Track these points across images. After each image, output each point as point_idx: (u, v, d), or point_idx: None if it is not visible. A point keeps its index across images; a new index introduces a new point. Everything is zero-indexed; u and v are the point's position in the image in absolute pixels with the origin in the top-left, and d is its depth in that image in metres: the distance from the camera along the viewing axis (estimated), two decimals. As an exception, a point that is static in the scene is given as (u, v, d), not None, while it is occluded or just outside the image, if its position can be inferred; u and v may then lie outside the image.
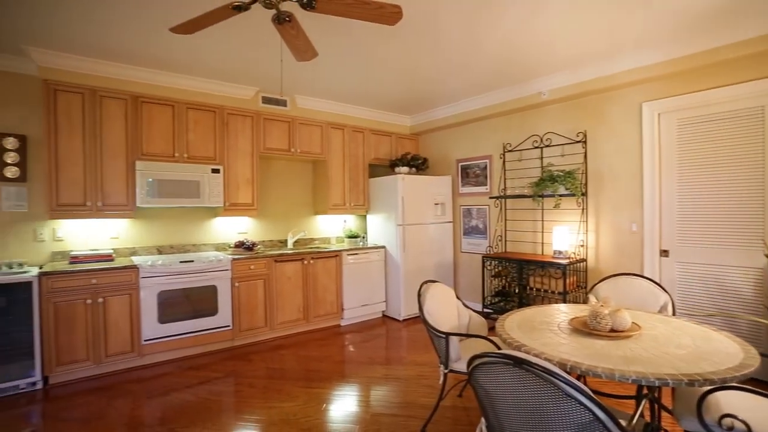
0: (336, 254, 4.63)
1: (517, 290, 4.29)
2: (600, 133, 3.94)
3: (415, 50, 3.41)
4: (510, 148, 4.68)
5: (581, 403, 1.16)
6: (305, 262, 4.38)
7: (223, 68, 3.75)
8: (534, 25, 2.97)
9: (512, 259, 4.28)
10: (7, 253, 3.46)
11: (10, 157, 3.44)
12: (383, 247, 5.02)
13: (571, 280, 3.86)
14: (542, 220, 4.39)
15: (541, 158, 4.37)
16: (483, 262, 4.57)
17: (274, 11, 2.15)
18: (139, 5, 2.62)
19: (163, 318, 3.56)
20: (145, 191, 3.64)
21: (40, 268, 3.32)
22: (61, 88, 3.38)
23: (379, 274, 4.98)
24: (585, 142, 4.03)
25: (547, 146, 4.31)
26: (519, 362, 1.24)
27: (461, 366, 2.35)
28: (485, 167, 5.00)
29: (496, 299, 4.53)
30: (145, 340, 3.49)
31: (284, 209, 4.93)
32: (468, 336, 2.48)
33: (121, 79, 3.64)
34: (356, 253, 4.78)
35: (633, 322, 2.03)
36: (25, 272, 3.12)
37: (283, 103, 4.55)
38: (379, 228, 5.17)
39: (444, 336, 2.33)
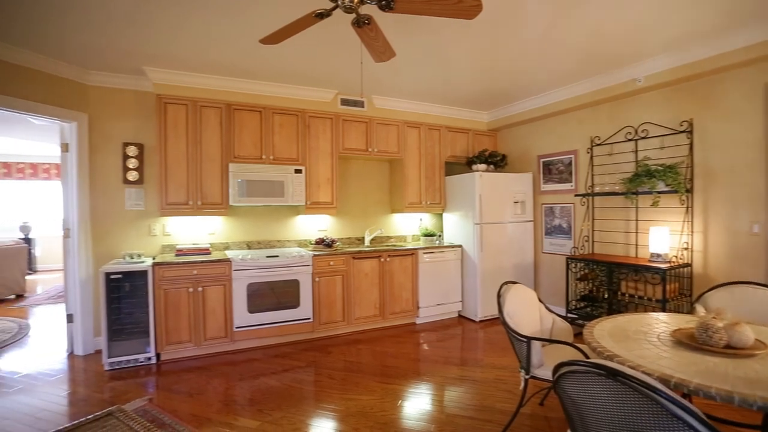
0: (412, 252, 4.65)
1: (606, 295, 3.95)
2: (710, 120, 3.47)
3: (493, 44, 3.29)
4: (599, 142, 4.31)
5: (690, 426, 1.03)
6: (382, 259, 4.47)
7: (304, 73, 3.95)
8: (629, 6, 2.70)
9: (601, 262, 3.95)
10: (129, 245, 4.01)
11: (132, 163, 3.97)
12: (460, 246, 4.94)
13: (672, 287, 3.45)
14: (636, 220, 3.98)
15: (636, 151, 3.97)
16: (567, 264, 4.28)
17: (353, 15, 2.21)
18: (233, 21, 2.86)
19: (252, 308, 3.86)
20: (236, 191, 3.97)
21: (153, 258, 3.78)
22: (170, 101, 3.82)
23: (455, 274, 4.90)
24: (691, 131, 3.57)
25: (643, 138, 3.90)
26: (613, 373, 1.14)
27: (544, 373, 2.22)
28: (570, 163, 4.68)
29: (582, 304, 4.21)
30: (237, 327, 3.82)
31: (362, 207, 5.07)
32: (552, 341, 2.34)
33: (217, 89, 4.01)
34: (432, 252, 4.76)
35: (757, 339, 1.75)
36: (142, 262, 3.60)
37: (361, 104, 4.67)
38: (455, 227, 5.09)
39: (525, 340, 2.23)
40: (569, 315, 4.18)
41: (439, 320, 4.84)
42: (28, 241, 8.34)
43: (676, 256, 3.59)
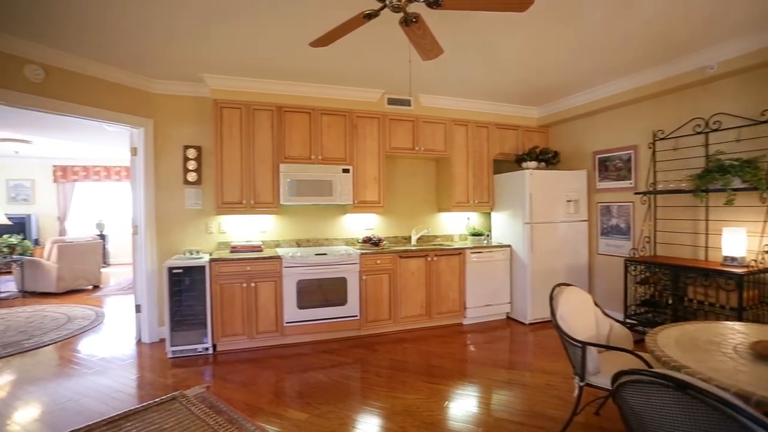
0: (459, 252, 4.58)
1: (670, 301, 3.67)
2: (796, 110, 3.11)
3: (545, 37, 3.16)
4: (662, 136, 4.01)
5: (774, 448, 0.93)
6: (429, 258, 4.44)
7: (352, 74, 4.00)
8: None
9: (665, 265, 3.68)
10: (189, 242, 4.27)
11: (191, 165, 4.23)
12: (508, 246, 4.80)
13: (751, 294, 3.14)
14: (706, 220, 3.66)
15: (706, 145, 3.65)
16: (626, 267, 4.02)
17: (401, 14, 2.21)
18: (283, 27, 2.95)
19: (301, 304, 3.98)
20: (287, 190, 4.11)
21: (210, 255, 4.00)
22: (225, 105, 4.02)
23: (504, 274, 4.77)
24: (773, 122, 3.23)
25: (715, 131, 3.57)
26: (682, 386, 1.06)
27: (601, 380, 2.10)
28: (629, 159, 4.39)
29: (642, 310, 3.95)
30: (287, 323, 3.95)
31: (408, 206, 5.06)
32: (609, 348, 2.21)
33: (268, 92, 4.17)
34: (480, 252, 4.66)
35: None
36: (200, 258, 3.82)
37: (407, 103, 4.67)
38: (504, 226, 4.95)
39: (580, 345, 2.12)
40: (628, 320, 3.93)
41: (487, 321, 4.73)
42: (102, 237, 9.13)
43: (756, 261, 3.26)
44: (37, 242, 8.72)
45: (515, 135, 5.20)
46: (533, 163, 4.82)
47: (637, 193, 4.23)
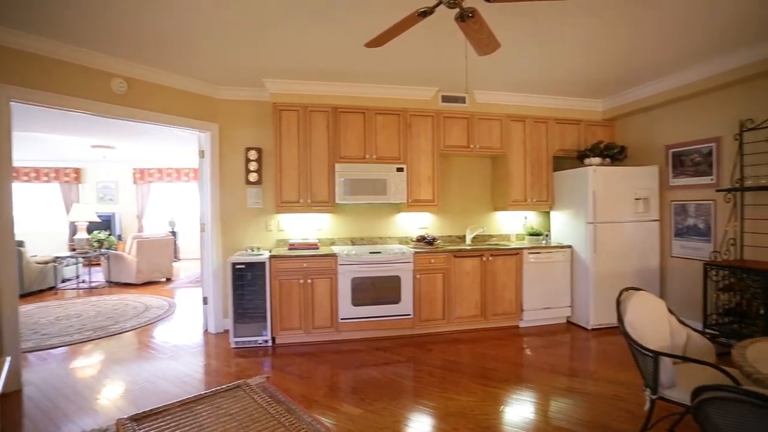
0: (516, 252, 4.42)
1: (762, 311, 3.29)
2: None
3: (612, 23, 2.96)
4: (752, 126, 3.60)
5: None
6: (484, 258, 4.33)
7: (405, 73, 4.00)
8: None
9: (754, 270, 3.30)
10: (250, 240, 4.50)
11: (252, 166, 4.45)
12: (569, 246, 4.55)
13: None
14: (807, 220, 3.24)
15: (807, 136, 3.23)
16: (705, 271, 3.67)
17: (456, 10, 2.17)
18: (338, 29, 3.01)
19: (355, 301, 4.05)
20: (342, 189, 4.19)
21: (270, 252, 4.19)
22: (284, 108, 4.19)
23: (564, 276, 4.54)
24: None
25: (818, 119, 3.14)
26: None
27: (678, 395, 1.93)
28: (709, 153, 3.99)
29: (726, 320, 3.58)
30: (341, 319, 4.03)
31: (463, 205, 4.98)
32: (687, 360, 2.02)
33: (324, 94, 4.28)
34: (538, 252, 4.47)
35: None
36: (261, 254, 4.01)
37: (462, 100, 4.58)
38: (564, 226, 4.71)
39: (652, 355, 1.96)
40: (707, 331, 3.58)
41: (545, 325, 4.53)
42: (174, 234, 9.90)
43: None
44: (120, 238, 9.64)
45: (577, 130, 4.93)
46: (597, 159, 4.53)
47: (719, 191, 3.84)
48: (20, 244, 6.13)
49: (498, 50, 2.66)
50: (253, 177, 4.46)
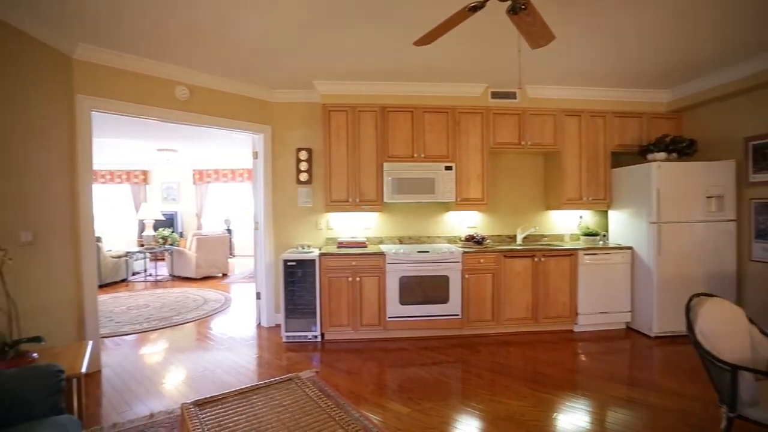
0: (570, 253, 4.22)
1: None
2: None
3: (681, 2, 2.73)
4: None
5: None
6: (535, 259, 4.18)
7: (453, 70, 3.94)
8: None
9: None
10: (301, 238, 4.64)
11: (303, 166, 4.58)
12: (629, 248, 4.28)
13: None
14: None
15: None
16: (791, 277, 3.30)
17: (509, 2, 2.10)
18: (386, 29, 3.02)
19: (403, 300, 4.05)
20: (390, 188, 4.21)
21: (320, 249, 4.29)
22: (333, 109, 4.27)
23: (624, 279, 4.27)
24: None
25: None
26: None
27: (761, 414, 1.75)
28: (798, 145, 3.58)
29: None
30: (389, 317, 4.05)
31: (513, 204, 4.83)
32: (770, 375, 1.83)
33: (372, 94, 4.31)
34: (595, 253, 4.24)
35: None
36: (311, 252, 4.12)
37: (513, 96, 4.44)
38: (624, 226, 4.43)
39: (729, 368, 1.79)
40: (794, 343, 3.22)
41: (602, 330, 4.29)
42: (229, 231, 10.43)
43: None
44: (181, 235, 10.30)
45: (638, 123, 4.61)
46: (661, 155, 4.22)
47: (808, 188, 3.44)
48: (98, 240, 6.73)
49: (552, 42, 2.55)
50: (303, 177, 4.59)
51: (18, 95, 2.77)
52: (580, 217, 4.88)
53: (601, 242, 4.48)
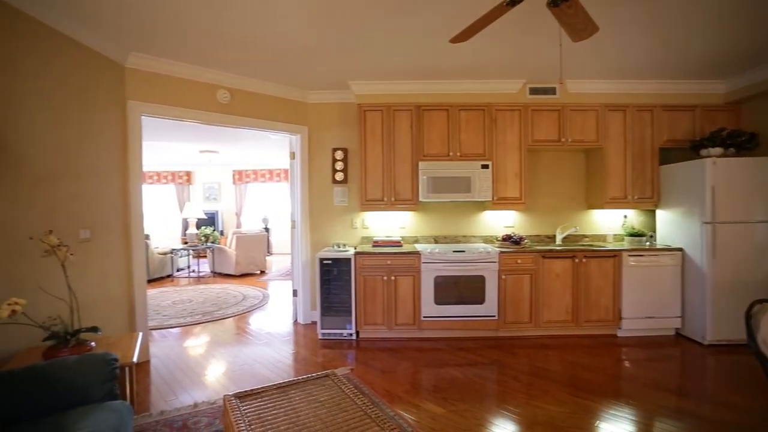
0: (614, 254, 4.04)
1: None
2: None
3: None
4: None
5: None
6: (576, 260, 4.03)
7: (490, 66, 3.87)
8: None
9: None
10: (336, 236, 4.71)
11: (338, 165, 4.64)
12: (680, 249, 4.04)
13: None
14: None
15: None
16: None
17: (550, -6, 2.04)
18: (420, 27, 3.00)
19: (438, 300, 4.02)
20: (425, 188, 4.19)
21: (355, 248, 4.34)
22: (368, 108, 4.30)
23: (673, 283, 4.03)
24: None
25: None
26: None
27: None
28: None
29: None
30: (424, 317, 4.03)
31: (552, 203, 4.68)
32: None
33: (407, 93, 4.30)
34: (641, 255, 4.03)
35: None
36: (346, 251, 4.17)
37: (552, 92, 4.30)
38: (673, 226, 4.19)
39: (794, 380, 1.66)
40: None
41: (649, 336, 4.07)
42: (267, 230, 10.73)
43: None
44: (222, 233, 10.71)
45: (690, 117, 4.34)
46: (717, 150, 3.95)
47: None
48: (147, 237, 7.11)
49: (595, 35, 2.45)
50: (339, 176, 4.65)
51: (78, 103, 2.97)
52: (625, 216, 4.66)
53: (647, 243, 4.26)
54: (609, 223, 4.69)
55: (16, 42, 2.49)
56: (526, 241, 4.28)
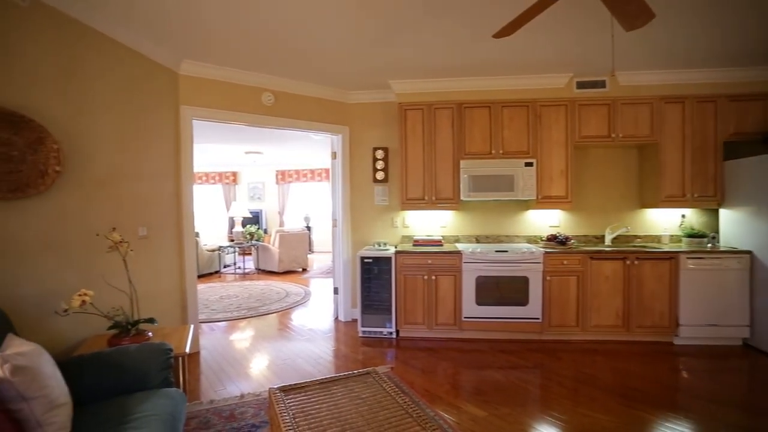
0: (670, 256, 3.79)
1: None
2: None
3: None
4: None
5: None
6: (627, 262, 3.82)
7: (535, 61, 3.74)
8: None
9: None
10: (377, 235, 4.74)
11: (379, 165, 4.67)
12: (748, 252, 3.72)
13: None
14: None
15: None
16: None
17: (601, -19, 1.94)
18: (461, 24, 2.95)
19: (479, 300, 3.95)
20: (466, 186, 4.12)
21: (395, 247, 4.34)
22: (409, 107, 4.29)
23: (740, 288, 3.72)
24: None
25: None
26: None
27: None
28: None
29: None
30: (464, 317, 3.97)
31: (601, 202, 4.45)
32: None
33: (448, 91, 4.25)
34: (701, 257, 3.75)
35: None
36: (387, 250, 4.19)
37: (602, 85, 4.10)
38: (739, 226, 3.87)
39: None
40: None
41: (711, 345, 3.78)
42: (308, 228, 10.98)
43: None
44: (265, 231, 11.07)
45: (761, 107, 3.96)
46: (792, 144, 3.60)
47: None
48: (197, 235, 7.49)
49: (651, 21, 2.30)
50: (379, 175, 4.67)
51: (138, 109, 3.17)
52: (683, 216, 4.36)
53: (709, 245, 3.96)
54: (664, 223, 4.40)
55: (86, 53, 2.70)
56: (572, 241, 4.11)
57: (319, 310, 5.26)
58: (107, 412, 1.74)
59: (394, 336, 4.12)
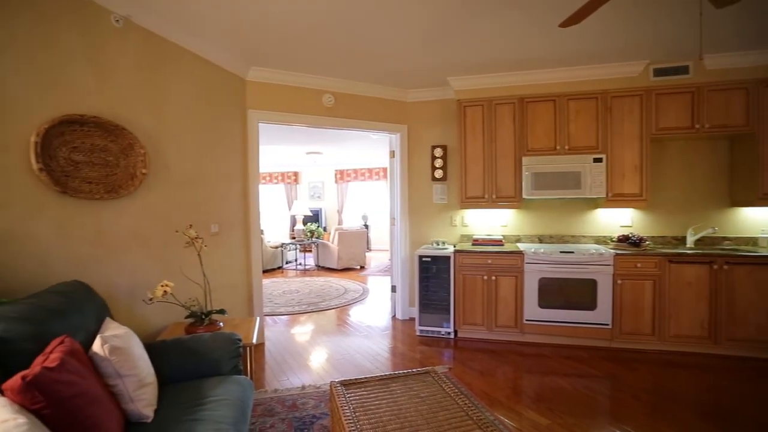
0: None
1: None
2: None
3: None
4: None
5: None
6: (715, 266, 3.44)
7: (604, 49, 3.49)
8: None
9: None
10: (435, 234, 4.70)
11: (438, 163, 4.62)
12: None
13: None
14: None
15: None
16: None
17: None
18: (523, 14, 2.82)
19: (542, 303, 3.77)
20: (529, 184, 3.95)
21: (454, 246, 4.27)
22: (468, 104, 4.20)
23: None
24: None
25: None
26: None
27: None
28: None
29: None
30: (526, 320, 3.82)
31: (681, 199, 4.05)
32: None
33: (509, 85, 4.10)
34: (806, 263, 3.30)
35: None
36: (446, 249, 4.13)
37: (684, 71, 3.72)
38: None
39: None
40: None
41: (819, 364, 3.31)
42: (366, 227, 11.15)
43: None
44: (325, 229, 11.42)
45: None
46: None
47: None
48: (262, 232, 7.91)
49: (749, -3, 2.05)
50: (438, 174, 4.63)
51: (211, 115, 3.41)
52: (784, 216, 3.84)
53: (817, 249, 3.46)
54: (762, 224, 3.91)
55: (165, 66, 2.95)
56: (647, 242, 3.78)
57: (377, 308, 5.32)
58: (186, 393, 1.89)
59: (452, 336, 4.06)
